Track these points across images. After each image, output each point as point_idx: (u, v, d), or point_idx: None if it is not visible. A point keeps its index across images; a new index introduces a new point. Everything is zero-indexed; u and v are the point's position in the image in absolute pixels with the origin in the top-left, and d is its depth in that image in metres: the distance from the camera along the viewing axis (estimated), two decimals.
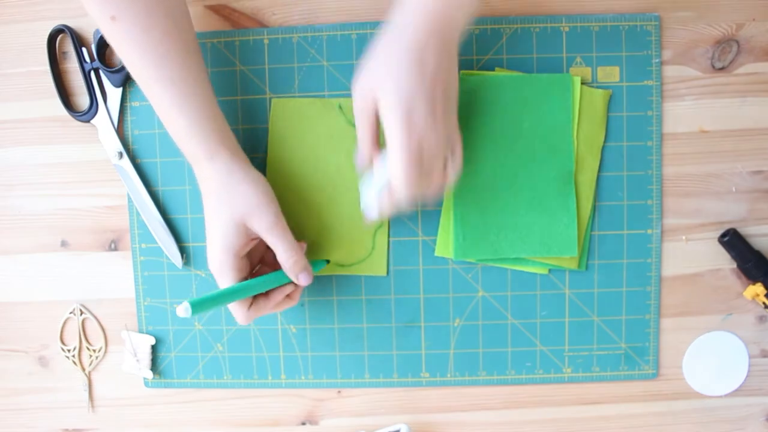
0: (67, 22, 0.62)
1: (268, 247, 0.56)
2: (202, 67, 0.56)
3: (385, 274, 0.62)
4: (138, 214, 0.63)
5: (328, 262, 0.62)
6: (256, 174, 0.56)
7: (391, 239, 0.63)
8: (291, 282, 0.56)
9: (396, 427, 0.63)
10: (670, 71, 0.62)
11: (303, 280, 0.56)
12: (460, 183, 0.60)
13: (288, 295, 0.57)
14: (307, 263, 0.56)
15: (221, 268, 0.54)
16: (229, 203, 0.54)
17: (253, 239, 0.55)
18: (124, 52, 0.53)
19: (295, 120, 0.62)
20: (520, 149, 0.60)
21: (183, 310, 0.47)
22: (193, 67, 0.54)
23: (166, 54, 0.53)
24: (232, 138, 0.56)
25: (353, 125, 0.61)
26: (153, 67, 0.53)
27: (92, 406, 0.67)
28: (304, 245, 0.59)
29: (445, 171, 0.54)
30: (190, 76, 0.54)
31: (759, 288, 0.61)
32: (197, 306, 0.48)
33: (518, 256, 0.61)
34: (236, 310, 0.55)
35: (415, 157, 0.50)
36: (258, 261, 0.59)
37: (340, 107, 0.61)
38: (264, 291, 0.56)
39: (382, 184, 0.53)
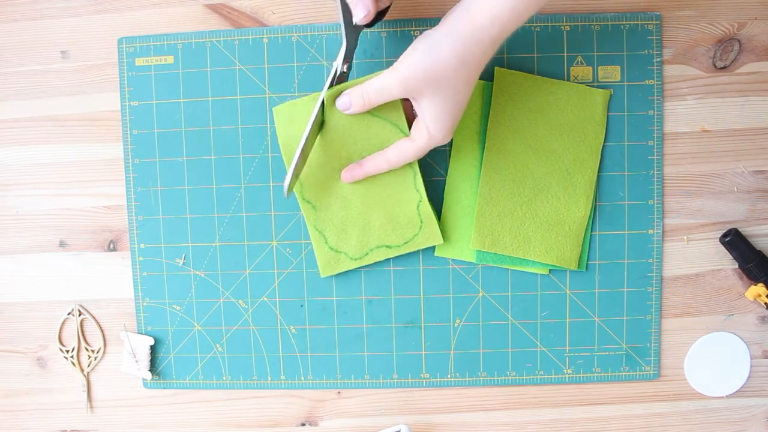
0: (65, 20, 0.62)
1: None
2: None
3: (442, 242, 0.61)
4: (136, 214, 0.63)
5: None
6: None
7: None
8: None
9: (396, 428, 0.63)
10: (671, 70, 0.61)
11: None
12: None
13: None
14: None
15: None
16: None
17: None
18: None
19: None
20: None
21: None
22: None
23: None
24: None
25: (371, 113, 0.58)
26: None
27: (91, 407, 0.66)
28: None
29: None
30: None
31: (761, 288, 0.61)
32: None
33: (521, 257, 0.61)
34: None
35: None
36: None
37: None
38: None
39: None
